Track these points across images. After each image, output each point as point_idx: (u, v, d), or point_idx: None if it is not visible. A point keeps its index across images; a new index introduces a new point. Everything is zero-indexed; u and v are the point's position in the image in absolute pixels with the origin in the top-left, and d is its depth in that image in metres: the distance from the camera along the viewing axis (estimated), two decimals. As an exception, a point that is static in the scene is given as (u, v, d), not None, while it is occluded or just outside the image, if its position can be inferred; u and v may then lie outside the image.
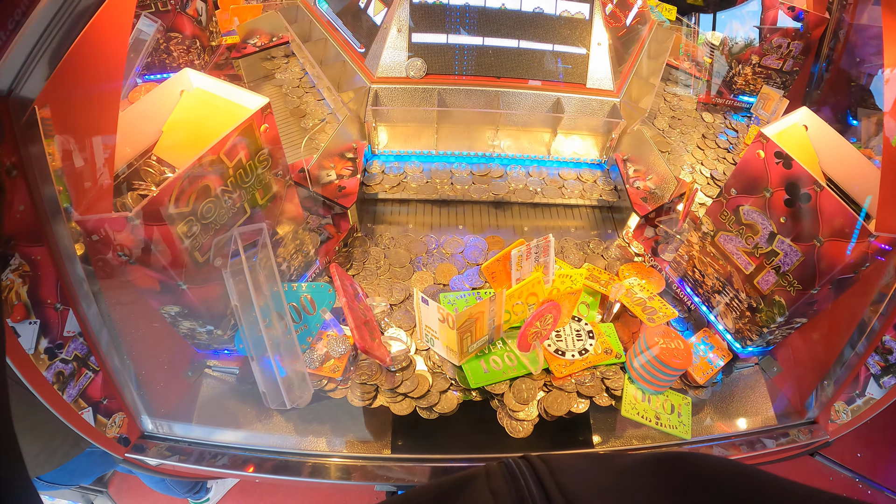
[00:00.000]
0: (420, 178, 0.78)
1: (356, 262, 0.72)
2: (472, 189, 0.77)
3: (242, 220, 0.54)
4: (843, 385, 0.66)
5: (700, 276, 0.71)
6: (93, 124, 0.48)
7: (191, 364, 0.67)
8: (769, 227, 0.60)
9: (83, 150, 0.47)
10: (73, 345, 0.55)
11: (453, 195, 0.77)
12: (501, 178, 0.80)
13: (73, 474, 0.77)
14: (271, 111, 0.50)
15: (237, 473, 0.65)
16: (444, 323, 0.56)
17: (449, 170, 0.80)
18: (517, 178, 0.81)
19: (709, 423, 0.68)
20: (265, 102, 0.49)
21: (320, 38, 0.85)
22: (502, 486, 0.31)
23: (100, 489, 1.07)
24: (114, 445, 0.62)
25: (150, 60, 0.92)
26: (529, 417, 0.59)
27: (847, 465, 0.83)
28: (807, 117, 0.66)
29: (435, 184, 0.77)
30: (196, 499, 1.13)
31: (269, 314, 0.56)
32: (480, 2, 0.74)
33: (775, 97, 0.94)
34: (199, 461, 0.64)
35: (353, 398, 0.61)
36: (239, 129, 0.48)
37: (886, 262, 0.58)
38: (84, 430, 0.58)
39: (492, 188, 0.78)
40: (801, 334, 0.69)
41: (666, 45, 0.93)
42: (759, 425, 0.70)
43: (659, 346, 0.60)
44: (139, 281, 0.53)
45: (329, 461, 0.61)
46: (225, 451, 0.65)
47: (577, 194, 0.80)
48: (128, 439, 0.63)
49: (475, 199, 0.78)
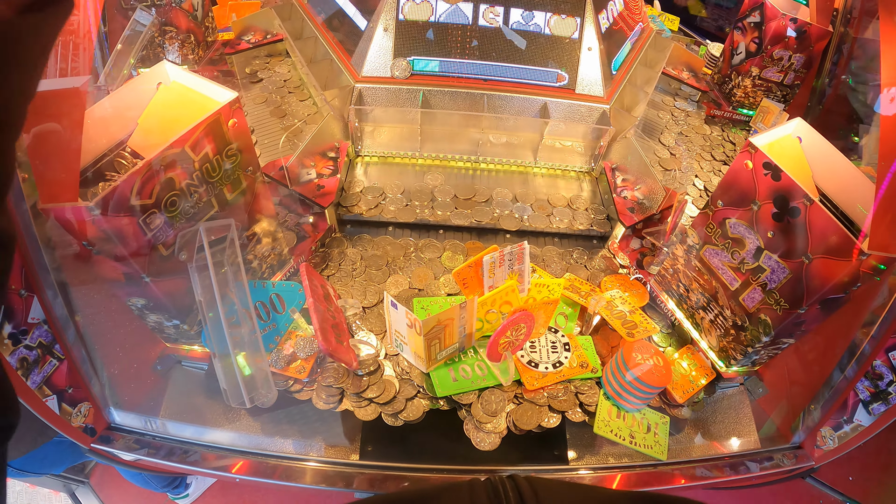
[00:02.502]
0: (400, 199, 0.75)
1: (332, 262, 0.71)
2: (454, 215, 0.74)
3: (210, 214, 0.53)
4: (831, 410, 0.64)
5: (685, 290, 0.69)
6: (59, 113, 0.48)
7: (160, 358, 0.67)
8: (756, 241, 0.58)
9: (49, 138, 0.47)
10: (38, 332, 0.55)
11: (433, 220, 0.75)
12: (487, 203, 0.77)
13: (43, 462, 0.77)
14: (240, 106, 0.50)
15: (206, 472, 0.64)
16: (411, 328, 0.55)
17: (430, 191, 0.77)
18: (502, 203, 0.77)
19: (688, 444, 0.66)
20: (233, 97, 0.49)
21: (311, 35, 0.85)
22: (483, 501, 0.31)
23: (81, 479, 1.06)
24: (79, 435, 0.61)
25: (144, 53, 0.93)
26: (497, 430, 0.57)
27: (838, 489, 0.79)
28: (801, 129, 0.64)
29: (415, 207, 0.75)
30: (175, 494, 1.12)
31: (234, 311, 0.55)
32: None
33: (775, 111, 0.92)
34: (169, 456, 0.64)
35: (318, 401, 0.59)
36: (205, 122, 0.47)
37: (879, 283, 0.56)
38: (48, 417, 0.57)
39: (474, 214, 0.75)
40: (789, 355, 0.67)
41: (663, 54, 0.92)
42: (741, 448, 0.67)
43: (636, 361, 0.58)
44: (105, 271, 0.52)
45: (301, 465, 0.60)
46: (195, 448, 0.64)
47: (566, 223, 0.76)
48: (94, 429, 0.63)
49: (456, 225, 0.75)
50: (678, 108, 1.00)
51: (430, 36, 0.72)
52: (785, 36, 0.90)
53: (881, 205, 0.51)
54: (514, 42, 0.73)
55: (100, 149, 0.56)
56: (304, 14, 0.88)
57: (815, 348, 0.66)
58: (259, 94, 0.89)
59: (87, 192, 0.56)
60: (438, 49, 0.74)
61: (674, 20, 1.18)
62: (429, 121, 0.76)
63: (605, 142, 0.79)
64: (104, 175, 0.57)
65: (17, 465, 0.73)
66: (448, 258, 0.73)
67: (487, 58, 0.75)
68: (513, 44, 0.74)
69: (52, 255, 0.52)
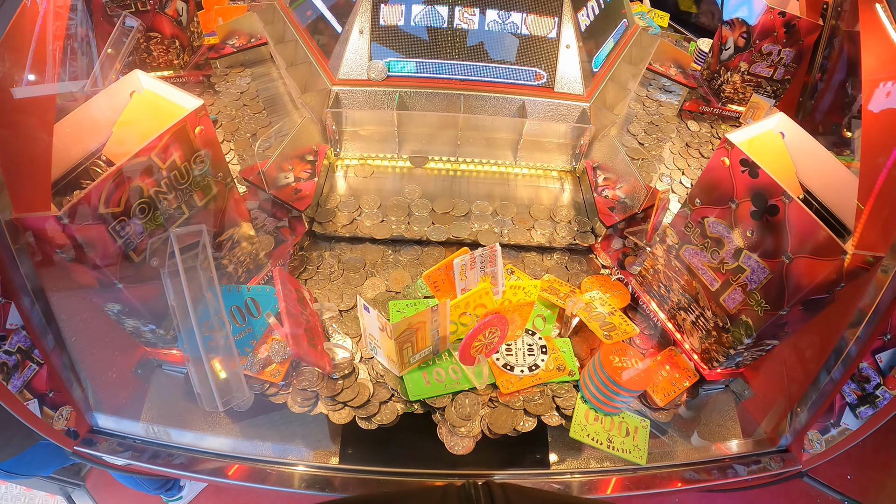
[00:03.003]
0: (376, 215, 0.74)
1: (310, 265, 0.71)
2: (431, 230, 0.73)
3: (180, 221, 0.53)
4: (817, 413, 0.62)
5: (666, 291, 0.67)
6: (29, 122, 0.48)
7: (140, 362, 0.67)
8: (735, 241, 0.57)
9: (21, 147, 0.48)
10: (17, 337, 0.56)
11: (410, 236, 0.73)
12: (465, 217, 0.75)
13: (31, 465, 0.78)
14: (206, 113, 0.50)
15: (189, 475, 0.65)
16: (383, 332, 0.55)
17: (407, 205, 0.75)
18: (481, 217, 0.75)
19: (672, 448, 0.64)
20: (199, 104, 0.49)
21: (291, 39, 0.85)
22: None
23: (77, 482, 1.08)
24: (62, 438, 0.62)
25: (131, 59, 0.94)
26: (471, 433, 0.57)
27: (836, 488, 0.77)
28: (783, 124, 0.62)
29: (391, 223, 0.74)
30: (168, 496, 1.13)
31: (207, 316, 0.56)
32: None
33: (765, 106, 0.90)
34: (152, 459, 0.64)
35: (293, 404, 0.59)
36: (171, 131, 0.47)
37: (866, 282, 0.54)
38: (30, 421, 0.58)
39: (451, 229, 0.73)
40: (774, 356, 0.65)
41: (648, 50, 0.90)
42: (727, 451, 0.66)
43: (614, 364, 0.57)
44: (79, 278, 0.53)
45: (281, 468, 0.60)
46: (179, 451, 0.65)
47: (547, 237, 0.74)
48: (76, 432, 0.64)
49: (434, 241, 0.73)
50: (649, 97, 0.98)
51: (407, 35, 0.71)
52: (773, 30, 0.88)
53: (872, 202, 0.49)
54: (491, 42, 0.73)
55: (75, 158, 0.57)
56: (285, 17, 0.88)
57: (801, 349, 0.64)
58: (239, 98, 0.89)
59: (62, 200, 0.57)
60: (414, 50, 0.74)
61: (664, 16, 1.16)
62: (406, 122, 0.76)
63: (585, 140, 0.78)
64: (80, 184, 0.57)
65: (6, 467, 0.75)
66: (427, 261, 0.72)
67: (464, 58, 0.74)
68: (490, 43, 0.73)
69: (27, 263, 0.53)
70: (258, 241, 0.66)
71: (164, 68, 0.97)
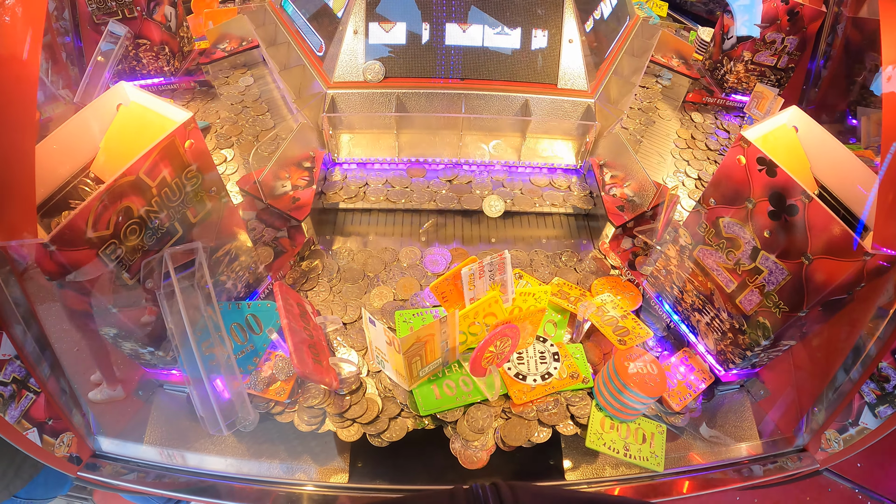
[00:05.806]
0: (381, 189, 0.73)
1: (311, 277, 0.69)
2: (440, 198, 0.73)
3: (174, 239, 0.51)
4: (835, 413, 0.61)
5: (679, 292, 0.66)
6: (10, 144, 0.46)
7: (141, 383, 0.65)
8: (752, 241, 0.55)
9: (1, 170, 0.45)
10: (11, 367, 0.53)
11: (417, 206, 0.72)
12: (469, 185, 0.75)
13: (47, 486, 0.77)
14: (195, 125, 0.47)
15: (195, 498, 0.63)
16: (391, 346, 0.53)
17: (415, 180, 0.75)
18: (484, 184, 0.75)
19: (689, 451, 0.63)
20: (188, 117, 0.46)
21: (284, 41, 0.82)
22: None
23: (84, 497, 1.07)
24: (64, 464, 0.60)
25: (120, 68, 0.91)
26: (485, 447, 0.55)
27: (848, 476, 0.77)
28: (797, 118, 0.60)
29: (397, 192, 0.73)
30: (176, 512, 1.12)
31: (207, 336, 0.53)
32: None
33: (770, 95, 0.88)
34: (157, 481, 0.63)
35: (300, 423, 0.58)
36: (158, 147, 0.45)
37: (885, 281, 0.53)
38: (31, 450, 0.57)
39: (462, 202, 0.73)
40: (791, 356, 0.64)
41: (651, 42, 0.87)
42: (743, 452, 0.65)
43: (629, 371, 0.56)
44: (72, 303, 0.51)
45: (296, 489, 0.58)
46: (184, 474, 0.63)
47: (549, 203, 0.74)
48: (79, 458, 0.62)
49: (441, 208, 0.73)
50: (642, 86, 0.95)
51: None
52: (777, 18, 0.85)
53: (886, 197, 0.47)
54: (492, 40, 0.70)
55: (63, 176, 0.54)
56: (276, 19, 0.85)
57: (818, 349, 0.63)
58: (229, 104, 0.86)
59: (51, 222, 0.54)
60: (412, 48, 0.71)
61: (662, 6, 1.13)
62: (405, 125, 0.74)
63: (591, 137, 0.76)
64: (68, 203, 0.55)
65: (24, 494, 0.73)
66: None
67: (464, 55, 0.71)
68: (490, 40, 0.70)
69: (17, 290, 0.50)
70: (257, 254, 0.64)
71: (154, 75, 0.94)
